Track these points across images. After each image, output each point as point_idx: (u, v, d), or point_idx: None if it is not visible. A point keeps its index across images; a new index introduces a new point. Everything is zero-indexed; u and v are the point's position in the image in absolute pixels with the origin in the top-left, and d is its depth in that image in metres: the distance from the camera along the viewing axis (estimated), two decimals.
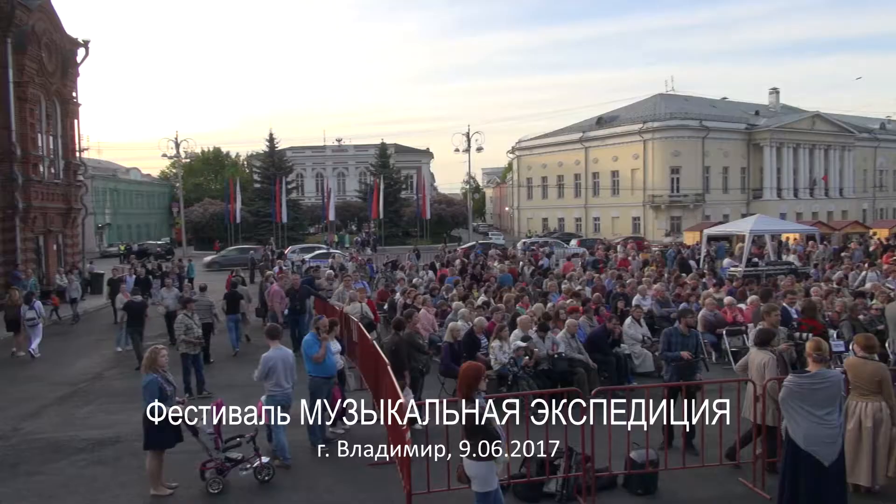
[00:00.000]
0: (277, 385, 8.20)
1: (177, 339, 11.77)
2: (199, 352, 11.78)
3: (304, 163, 77.50)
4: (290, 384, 8.31)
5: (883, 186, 72.12)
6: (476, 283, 19.14)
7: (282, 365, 8.20)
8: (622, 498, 7.09)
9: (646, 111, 62.87)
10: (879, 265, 20.59)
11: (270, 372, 8.16)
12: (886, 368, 6.98)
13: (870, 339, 7.03)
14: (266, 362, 8.20)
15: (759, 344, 7.66)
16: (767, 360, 7.43)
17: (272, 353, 8.29)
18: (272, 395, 8.19)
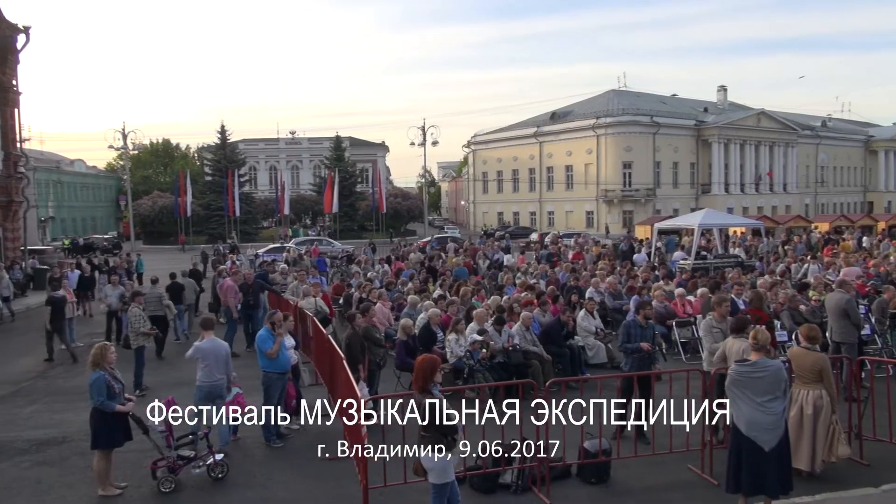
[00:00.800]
0: (208, 376, 8.24)
1: (135, 333, 11.64)
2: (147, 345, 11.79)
3: (256, 155, 76.25)
4: (222, 376, 8.31)
5: (824, 182, 74.79)
6: (432, 276, 19.16)
7: (213, 357, 8.25)
8: (576, 487, 7.21)
9: (599, 107, 63.77)
10: (820, 258, 21.38)
11: (200, 362, 8.26)
12: (827, 358, 7.25)
13: (813, 329, 7.28)
14: (195, 352, 8.31)
15: (736, 331, 7.69)
16: (746, 346, 7.55)
17: (204, 343, 8.35)
18: (201, 385, 8.27)
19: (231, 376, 8.55)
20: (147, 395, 10.85)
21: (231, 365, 8.62)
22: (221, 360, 8.34)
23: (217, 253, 31.31)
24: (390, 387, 10.59)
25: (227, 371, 8.42)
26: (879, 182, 79.17)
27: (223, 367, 8.36)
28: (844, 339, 10.06)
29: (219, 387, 8.31)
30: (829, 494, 6.62)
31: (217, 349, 8.37)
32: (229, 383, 8.49)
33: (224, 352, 8.45)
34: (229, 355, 8.59)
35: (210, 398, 8.22)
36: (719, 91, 74.57)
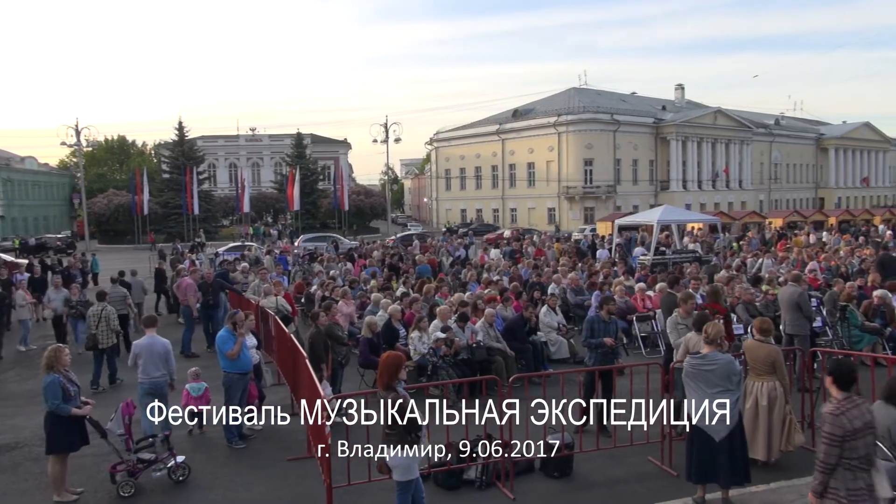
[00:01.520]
0: (145, 373, 8.32)
1: (91, 332, 11.48)
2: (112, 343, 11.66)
3: (216, 152, 74.98)
4: (160, 373, 8.37)
5: (777, 179, 76.74)
6: (395, 274, 19.13)
7: (147, 353, 8.32)
8: (539, 481, 7.29)
9: (560, 104, 64.36)
10: (774, 252, 21.99)
11: (137, 359, 8.36)
12: (780, 351, 7.46)
13: (765, 322, 7.48)
14: (133, 348, 8.50)
15: (696, 327, 7.70)
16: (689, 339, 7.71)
17: (143, 340, 8.47)
18: (141, 383, 8.35)
19: (173, 374, 8.58)
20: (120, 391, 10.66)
21: (172, 363, 8.60)
22: (157, 357, 8.36)
23: (176, 252, 30.74)
24: (354, 385, 10.55)
25: (167, 369, 8.45)
26: (830, 179, 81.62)
27: (160, 364, 8.38)
28: (797, 332, 10.35)
29: (159, 384, 8.34)
30: (783, 482, 6.82)
31: (153, 346, 8.39)
32: (172, 381, 8.56)
33: (161, 349, 8.44)
34: (169, 353, 8.56)
35: (151, 395, 8.23)
36: (677, 90, 75.99)
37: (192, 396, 9.19)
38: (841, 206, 66.61)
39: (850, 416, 4.55)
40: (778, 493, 6.59)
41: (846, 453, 4.51)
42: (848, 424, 4.51)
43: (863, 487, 4.51)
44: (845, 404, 4.62)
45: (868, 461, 4.54)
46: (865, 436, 4.53)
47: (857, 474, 4.52)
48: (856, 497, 4.49)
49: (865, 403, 4.70)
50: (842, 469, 4.53)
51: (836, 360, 5.34)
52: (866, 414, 4.61)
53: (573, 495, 6.98)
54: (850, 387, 4.76)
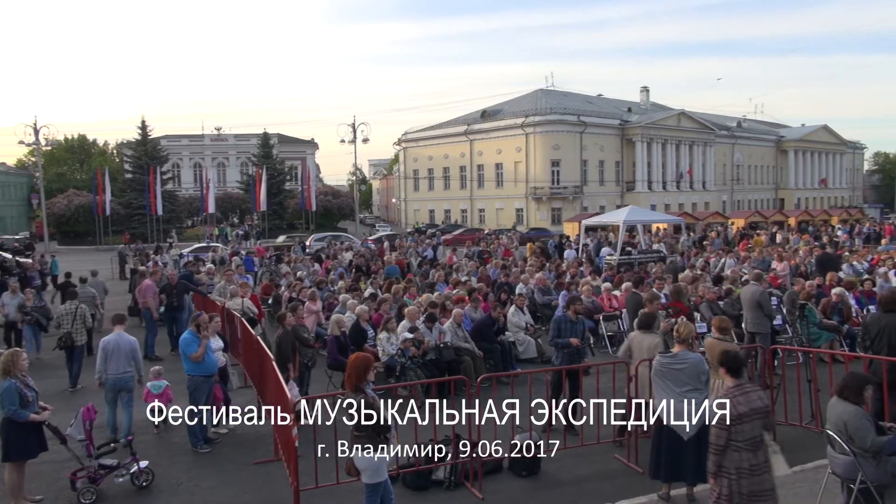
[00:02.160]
0: (112, 369, 8.58)
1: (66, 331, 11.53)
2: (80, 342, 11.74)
3: (180, 152, 73.76)
4: (127, 370, 8.67)
5: (739, 180, 78.27)
6: (363, 274, 19.04)
7: (114, 349, 8.58)
8: (507, 481, 7.32)
9: (527, 105, 64.72)
10: (737, 252, 22.44)
11: (105, 355, 8.60)
12: (738, 349, 7.60)
13: (724, 321, 7.65)
14: (100, 345, 8.76)
15: (643, 327, 7.98)
16: (658, 341, 7.83)
17: (110, 336, 8.73)
18: (107, 378, 8.63)
19: (140, 370, 8.90)
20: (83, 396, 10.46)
21: (139, 359, 8.90)
22: (124, 354, 8.61)
23: (138, 253, 30.14)
24: (322, 387, 10.48)
25: (134, 365, 8.73)
26: (790, 180, 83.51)
27: (127, 361, 8.65)
28: (758, 330, 10.58)
29: (124, 380, 8.66)
30: None
31: (120, 342, 8.63)
32: (139, 376, 8.90)
33: (128, 346, 8.68)
34: (136, 350, 8.80)
35: (115, 390, 8.65)
36: (642, 92, 76.98)
37: (152, 394, 9.31)
38: (800, 207, 68.19)
39: (736, 402, 4.98)
40: None
41: (734, 436, 4.94)
42: (733, 410, 4.94)
43: (746, 467, 4.93)
44: (734, 391, 5.06)
45: (754, 443, 4.96)
46: (752, 420, 4.96)
47: (744, 455, 4.95)
48: (743, 475, 4.92)
49: (755, 391, 5.17)
50: (730, 450, 4.95)
51: (727, 352, 5.67)
52: (755, 400, 5.04)
53: (541, 494, 7.03)
54: (740, 375, 5.19)
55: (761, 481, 4.99)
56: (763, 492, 5.00)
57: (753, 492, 4.97)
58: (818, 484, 6.21)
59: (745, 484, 4.96)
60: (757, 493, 4.97)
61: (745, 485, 4.96)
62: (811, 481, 6.60)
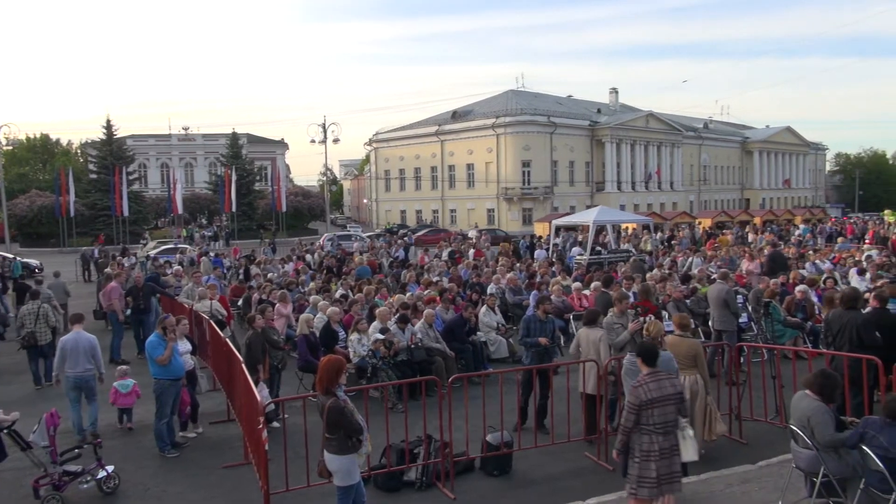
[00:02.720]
0: (72, 366, 8.65)
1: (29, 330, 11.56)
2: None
3: (147, 152, 72.55)
4: (86, 368, 8.69)
5: (706, 180, 79.57)
6: (334, 275, 18.92)
7: (72, 348, 8.63)
8: (479, 480, 7.34)
9: (498, 106, 64.96)
10: (703, 251, 22.80)
11: (62, 354, 8.67)
12: (700, 345, 7.74)
13: (684, 318, 7.79)
14: (59, 345, 8.85)
15: (588, 323, 8.36)
16: (601, 335, 8.12)
17: (68, 336, 8.80)
18: (67, 376, 8.70)
19: (101, 368, 8.90)
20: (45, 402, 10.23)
21: (100, 357, 8.92)
22: (83, 352, 8.65)
23: (104, 255, 29.56)
24: (292, 389, 10.40)
25: (94, 363, 8.78)
26: (755, 180, 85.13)
27: (87, 359, 8.68)
28: (725, 328, 10.77)
29: (84, 378, 8.70)
30: (712, 473, 7.07)
31: (78, 341, 8.69)
32: (100, 374, 8.89)
33: (87, 344, 8.73)
34: (95, 348, 8.83)
35: (77, 389, 8.72)
36: (611, 93, 77.74)
37: (120, 393, 9.31)
38: (765, 207, 69.52)
39: (647, 388, 5.33)
40: (707, 483, 6.83)
41: (642, 419, 5.29)
42: (644, 395, 5.30)
43: (655, 450, 5.25)
44: (646, 378, 5.42)
45: (664, 427, 5.29)
46: (663, 405, 5.30)
47: (653, 437, 5.28)
48: (648, 457, 5.25)
49: (669, 379, 5.51)
50: (638, 433, 5.30)
51: (642, 343, 6.12)
52: (667, 387, 5.39)
53: (513, 492, 7.06)
54: (654, 364, 5.54)
55: (670, 464, 5.31)
56: (671, 474, 5.31)
57: (663, 474, 5.27)
58: (783, 478, 6.34)
59: (657, 466, 5.26)
60: (665, 475, 5.27)
61: (655, 467, 5.26)
62: (776, 476, 6.73)
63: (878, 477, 5.30)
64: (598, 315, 8.53)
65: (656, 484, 5.27)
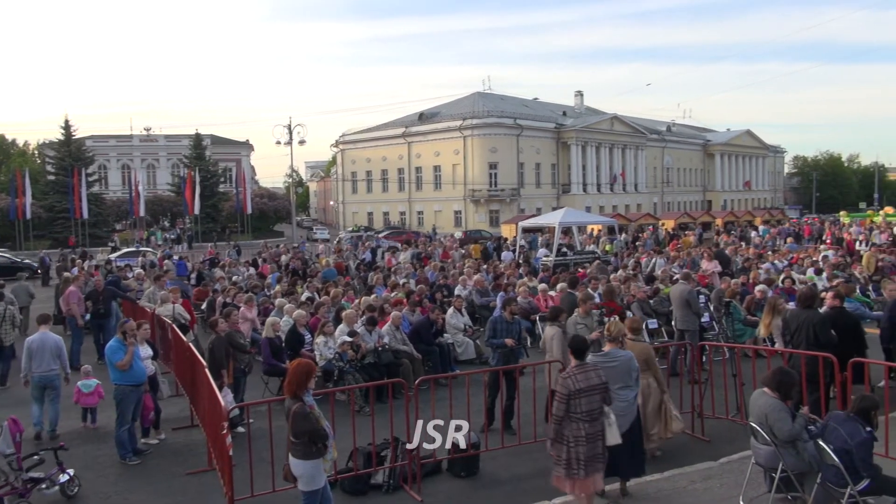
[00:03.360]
0: (37, 366, 8.75)
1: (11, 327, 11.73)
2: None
3: (107, 153, 70.99)
4: (52, 367, 8.81)
5: (669, 182, 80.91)
6: (300, 278, 18.76)
7: (38, 348, 8.75)
8: (446, 482, 7.34)
9: (465, 108, 65.19)
10: (667, 252, 23.17)
11: (29, 354, 8.77)
12: (651, 348, 7.86)
13: (636, 321, 7.92)
14: (24, 344, 8.93)
15: (550, 319, 8.54)
16: (555, 333, 8.29)
17: (34, 336, 8.90)
18: (32, 375, 8.78)
19: (66, 368, 9.04)
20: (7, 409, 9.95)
21: (65, 357, 9.08)
22: (49, 352, 8.76)
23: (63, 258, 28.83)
24: (258, 393, 10.27)
25: (60, 363, 8.90)
26: (716, 182, 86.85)
27: (51, 359, 8.79)
28: (687, 327, 10.95)
29: (49, 377, 8.80)
30: (676, 470, 7.19)
31: (44, 341, 8.81)
32: (66, 374, 9.02)
33: (53, 344, 8.85)
34: (61, 348, 8.96)
35: (41, 388, 8.81)
36: (577, 96, 78.54)
37: (83, 393, 9.29)
38: (726, 209, 70.94)
39: (575, 379, 5.73)
40: (671, 481, 6.94)
41: (571, 408, 5.68)
42: (572, 385, 5.69)
43: (583, 435, 5.67)
44: (575, 370, 5.82)
45: (589, 415, 5.69)
46: (590, 395, 5.70)
47: (581, 425, 5.68)
48: (581, 442, 5.66)
49: (595, 371, 5.90)
50: (568, 420, 5.69)
51: (573, 337, 6.52)
52: (593, 378, 5.79)
53: (480, 493, 7.09)
54: (583, 357, 5.97)
55: (594, 447, 5.74)
56: (595, 455, 5.75)
57: (588, 456, 5.70)
58: (743, 474, 6.47)
59: (583, 450, 5.69)
60: (591, 457, 5.71)
61: (582, 451, 5.69)
62: (737, 472, 6.87)
63: (834, 471, 5.45)
64: (559, 312, 8.69)
65: (584, 466, 5.70)
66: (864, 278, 16.52)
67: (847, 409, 5.63)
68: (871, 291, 15.01)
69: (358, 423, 7.34)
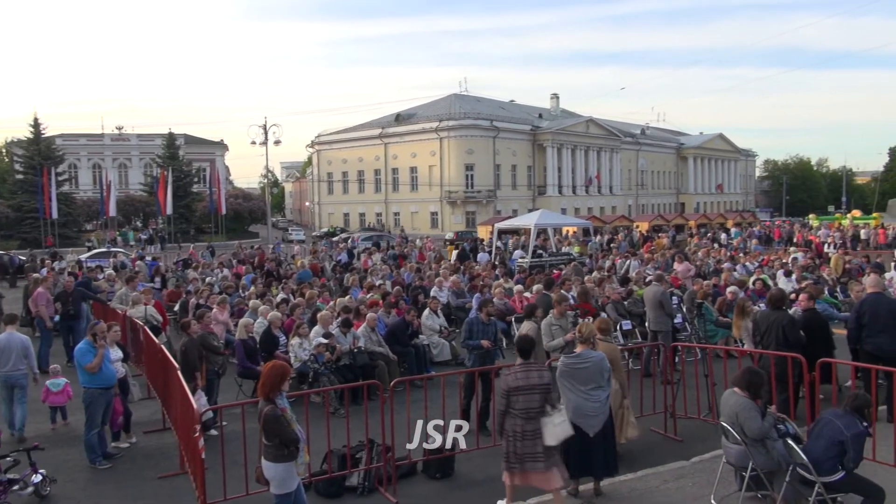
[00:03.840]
0: (2, 367, 8.69)
1: None
2: None
3: (78, 152, 69.72)
4: (18, 367, 8.76)
5: (643, 185, 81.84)
6: (274, 279, 18.60)
7: (3, 347, 8.70)
8: (421, 484, 7.33)
9: (441, 110, 65.28)
10: (641, 254, 23.42)
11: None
12: (618, 350, 7.93)
13: (604, 322, 8.00)
14: None
15: (526, 317, 8.78)
16: (530, 328, 8.39)
17: (1, 336, 8.83)
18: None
19: (34, 368, 9.06)
20: None
21: (33, 357, 9.05)
22: (15, 352, 8.71)
23: (31, 258, 28.28)
24: (231, 395, 10.18)
25: (27, 363, 8.84)
26: (689, 185, 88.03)
27: (18, 358, 8.72)
28: (660, 328, 11.06)
29: (15, 377, 8.75)
30: (648, 470, 7.26)
31: (10, 341, 8.76)
32: (34, 374, 9.03)
33: (19, 344, 8.80)
34: (28, 348, 8.91)
35: (8, 387, 8.77)
36: (552, 99, 79.08)
37: (51, 392, 9.23)
38: (699, 211, 71.88)
39: (515, 376, 5.95)
40: (644, 480, 7.01)
41: (511, 404, 5.90)
42: (511, 382, 5.92)
43: (518, 432, 5.86)
44: (517, 368, 6.03)
45: (526, 413, 5.85)
46: (528, 393, 5.87)
47: (516, 421, 5.88)
48: (518, 438, 5.86)
49: (538, 371, 6.05)
50: (509, 416, 5.92)
51: (519, 336, 6.69)
52: (534, 377, 5.95)
53: (455, 494, 7.09)
54: (527, 357, 6.16)
55: (533, 445, 5.86)
56: (534, 454, 5.87)
57: (525, 453, 5.86)
58: (715, 473, 6.56)
59: (520, 446, 5.86)
60: (528, 455, 5.86)
61: (519, 446, 5.86)
62: (708, 471, 6.96)
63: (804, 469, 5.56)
64: (533, 309, 8.91)
65: (519, 461, 5.89)
66: (833, 280, 16.87)
67: (842, 405, 5.77)
68: (838, 293, 15.33)
69: (333, 424, 7.30)
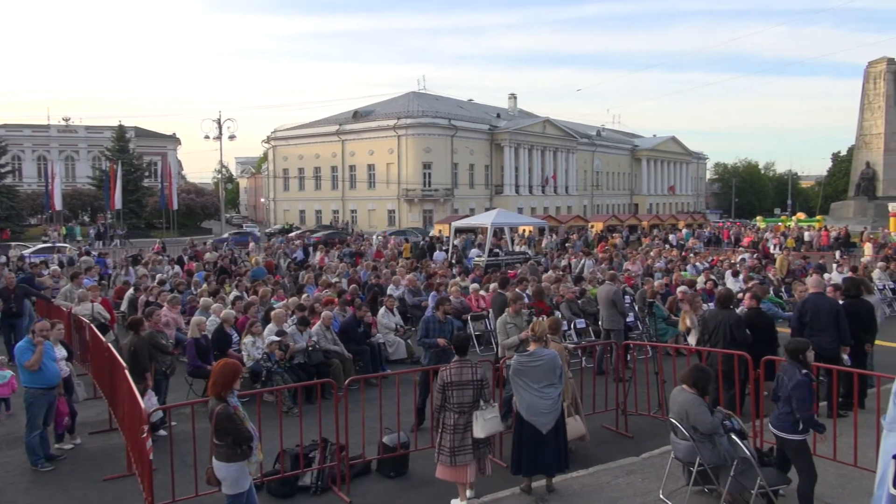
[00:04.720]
0: None
1: None
2: None
3: (21, 143, 67.30)
4: None
5: (599, 185, 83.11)
6: (227, 277, 18.27)
7: None
8: (375, 483, 7.31)
9: (400, 108, 65.10)
10: (595, 254, 23.78)
11: None
12: (565, 349, 8.05)
13: (555, 321, 8.10)
14: None
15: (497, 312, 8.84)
16: (501, 318, 8.61)
17: None
18: None
19: None
20: None
21: None
22: None
23: None
24: (181, 395, 9.96)
25: None
26: (643, 186, 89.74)
27: None
28: (612, 327, 11.26)
29: None
30: (600, 466, 7.38)
31: None
32: None
33: None
34: None
35: None
36: (510, 99, 79.61)
37: None
38: (652, 212, 73.36)
39: (450, 372, 6.23)
40: (595, 476, 7.12)
41: (447, 399, 6.20)
42: (446, 378, 6.21)
43: (452, 424, 6.16)
44: (454, 365, 6.31)
45: (460, 407, 6.16)
46: (462, 388, 6.18)
47: (451, 415, 6.19)
48: (450, 431, 6.16)
49: (473, 368, 6.31)
50: (446, 410, 6.22)
51: (455, 336, 7.02)
52: (467, 373, 6.23)
53: (409, 493, 7.08)
54: (464, 354, 6.45)
55: (463, 438, 6.17)
56: (464, 446, 6.16)
57: (456, 446, 6.15)
58: (664, 469, 6.70)
59: (454, 438, 6.16)
60: (459, 448, 6.15)
61: (448, 439, 6.18)
62: (658, 466, 7.11)
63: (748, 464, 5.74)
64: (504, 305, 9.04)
65: (450, 454, 6.15)
66: (778, 280, 17.43)
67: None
68: (783, 293, 15.84)
69: (286, 424, 7.21)
